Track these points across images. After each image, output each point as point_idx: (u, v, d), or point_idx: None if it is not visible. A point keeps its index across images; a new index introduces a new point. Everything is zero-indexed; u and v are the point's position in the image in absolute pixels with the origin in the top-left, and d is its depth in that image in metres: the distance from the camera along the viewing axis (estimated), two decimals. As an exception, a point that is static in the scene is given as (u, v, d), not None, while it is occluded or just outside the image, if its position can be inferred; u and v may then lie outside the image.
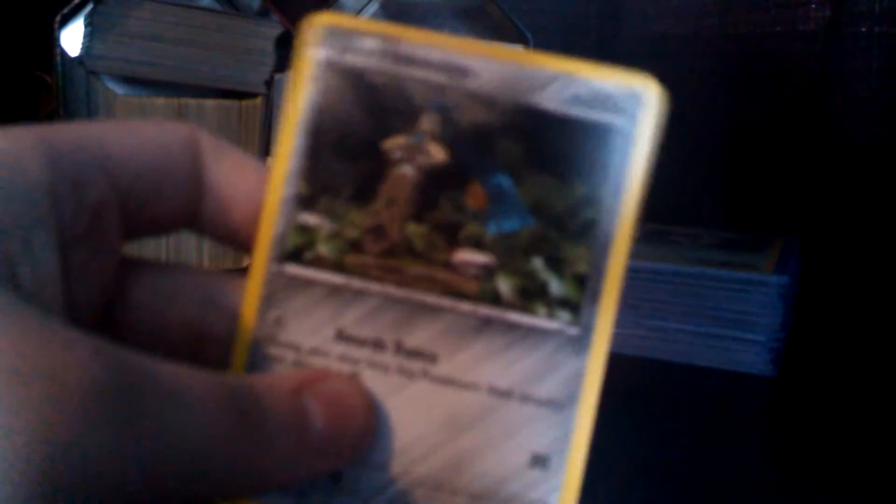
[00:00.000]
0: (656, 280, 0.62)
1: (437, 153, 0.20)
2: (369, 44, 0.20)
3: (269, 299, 0.20)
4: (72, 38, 0.69)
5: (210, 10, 0.74)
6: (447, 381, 0.19)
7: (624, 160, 0.19)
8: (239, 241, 0.21)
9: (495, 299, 0.19)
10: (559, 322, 0.19)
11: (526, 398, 0.19)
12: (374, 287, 0.20)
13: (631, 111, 0.19)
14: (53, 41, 0.67)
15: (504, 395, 0.19)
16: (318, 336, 0.20)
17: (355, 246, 0.20)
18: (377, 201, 0.20)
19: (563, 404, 0.19)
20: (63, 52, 0.68)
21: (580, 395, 0.19)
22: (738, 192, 0.77)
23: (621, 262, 0.19)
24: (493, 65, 0.19)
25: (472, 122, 0.19)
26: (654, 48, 0.78)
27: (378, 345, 0.19)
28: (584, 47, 0.81)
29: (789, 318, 0.63)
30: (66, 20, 0.68)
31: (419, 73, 0.20)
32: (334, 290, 0.20)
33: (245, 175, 0.20)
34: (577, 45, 0.81)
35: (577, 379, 0.19)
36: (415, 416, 0.19)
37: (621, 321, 0.67)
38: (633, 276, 0.62)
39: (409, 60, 0.20)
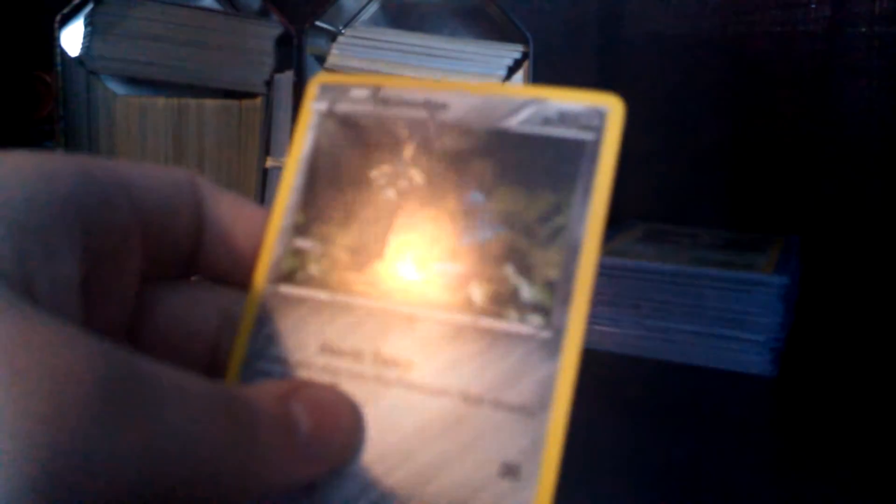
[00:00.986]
0: (656, 280, 0.62)
1: (417, 177, 0.21)
2: (359, 93, 0.22)
3: (262, 318, 0.21)
4: (72, 38, 0.69)
5: (210, 10, 0.75)
6: (420, 389, 0.19)
7: (591, 169, 0.20)
8: (236, 278, 0.21)
9: (468, 306, 0.20)
10: (530, 326, 0.19)
11: (497, 404, 0.19)
12: (357, 301, 0.20)
13: (596, 125, 0.20)
14: (53, 41, 0.67)
15: (475, 401, 0.19)
16: (304, 350, 0.20)
17: (341, 264, 0.21)
18: (362, 223, 0.21)
19: (535, 410, 0.19)
20: (63, 52, 0.68)
21: (552, 400, 0.19)
22: (738, 192, 0.77)
23: (591, 266, 0.19)
24: (468, 98, 0.21)
25: (449, 148, 0.21)
26: (654, 48, 0.78)
27: (357, 355, 0.20)
28: (584, 47, 0.81)
29: (789, 318, 0.63)
30: (66, 20, 0.68)
31: (402, 112, 0.22)
32: (320, 306, 0.21)
33: (242, 214, 0.21)
34: (577, 46, 0.81)
35: (549, 383, 0.19)
36: (389, 424, 0.19)
37: (621, 321, 0.66)
38: (633, 276, 0.62)
39: (393, 102, 0.22)
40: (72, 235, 0.17)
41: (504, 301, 0.20)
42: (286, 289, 0.21)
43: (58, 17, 0.67)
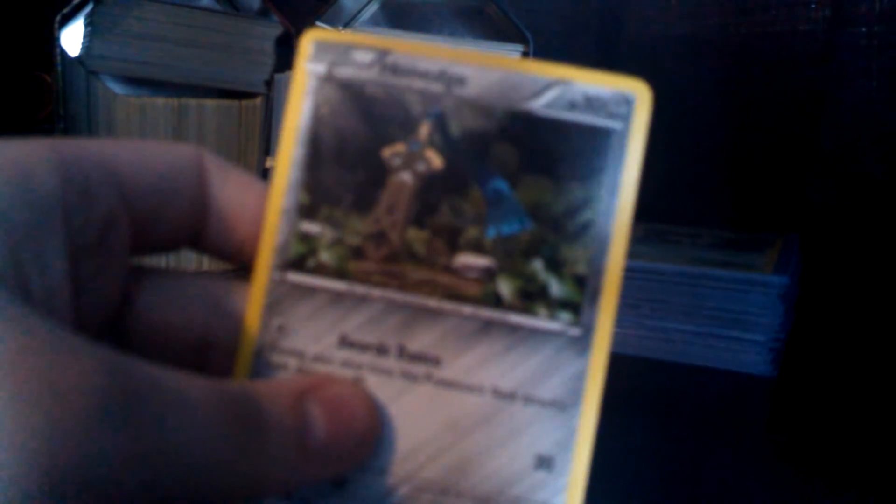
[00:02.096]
0: (656, 280, 0.62)
1: (435, 160, 0.20)
2: (363, 56, 0.20)
3: (271, 307, 0.20)
4: (72, 38, 0.69)
5: (210, 10, 0.74)
6: (451, 385, 0.19)
7: (618, 161, 0.20)
8: (241, 260, 0.21)
9: (497, 302, 0.20)
10: (560, 323, 0.19)
11: (529, 399, 0.19)
12: (377, 293, 0.20)
13: (624, 114, 0.20)
14: (53, 41, 0.67)
15: (508, 397, 0.19)
16: (321, 343, 0.20)
17: (357, 253, 0.20)
18: (377, 208, 0.20)
19: (567, 405, 0.19)
20: (63, 52, 0.68)
21: (583, 395, 0.19)
22: (738, 192, 0.77)
23: (619, 262, 0.19)
24: (488, 73, 0.20)
25: (469, 128, 0.20)
26: (654, 48, 0.78)
27: (381, 349, 0.20)
28: (584, 47, 0.81)
29: (789, 318, 0.63)
30: (66, 20, 0.68)
31: (415, 83, 0.20)
32: (337, 297, 0.20)
33: (249, 195, 0.21)
34: (577, 46, 0.81)
35: (580, 379, 0.19)
36: (419, 419, 0.19)
37: (621, 321, 0.66)
38: (633, 276, 0.62)
39: (405, 71, 0.20)
40: (57, 233, 0.17)
41: (533, 297, 0.19)
42: (295, 276, 0.20)
43: (58, 17, 0.67)
